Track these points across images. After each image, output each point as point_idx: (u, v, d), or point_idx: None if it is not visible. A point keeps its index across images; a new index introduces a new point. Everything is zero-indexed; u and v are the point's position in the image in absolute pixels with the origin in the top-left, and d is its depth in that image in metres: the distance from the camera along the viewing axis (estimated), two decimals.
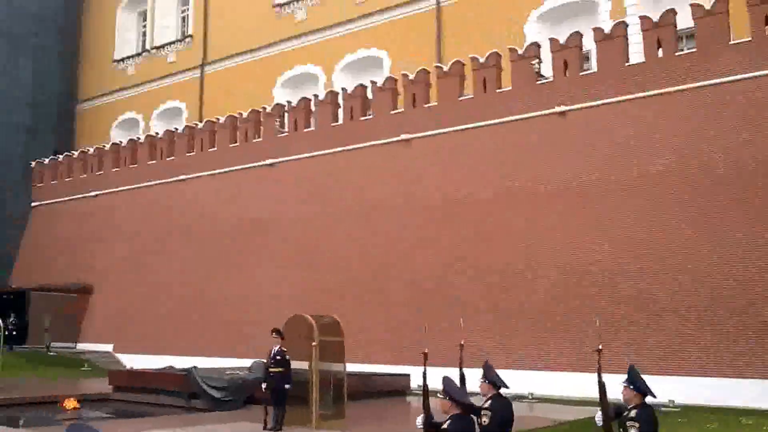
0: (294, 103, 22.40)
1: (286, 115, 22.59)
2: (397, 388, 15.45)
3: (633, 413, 4.29)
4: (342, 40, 25.44)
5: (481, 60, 18.55)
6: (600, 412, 4.53)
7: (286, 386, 10.22)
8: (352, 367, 12.26)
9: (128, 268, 25.04)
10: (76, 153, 29.29)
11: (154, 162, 25.83)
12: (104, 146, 28.25)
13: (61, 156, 29.58)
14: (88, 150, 28.67)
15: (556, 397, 14.81)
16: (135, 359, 22.44)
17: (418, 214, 18.57)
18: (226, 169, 23.22)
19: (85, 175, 28.16)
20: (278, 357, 10.10)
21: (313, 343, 10.52)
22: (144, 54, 31.89)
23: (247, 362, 18.59)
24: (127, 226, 25.76)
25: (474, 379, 5.73)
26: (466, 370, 6.92)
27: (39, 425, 12.46)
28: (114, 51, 32.82)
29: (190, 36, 30.27)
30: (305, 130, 21.77)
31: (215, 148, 23.99)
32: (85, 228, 27.29)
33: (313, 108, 21.86)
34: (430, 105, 19.40)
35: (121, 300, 24.95)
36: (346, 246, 19.68)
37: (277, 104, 23.36)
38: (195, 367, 14.89)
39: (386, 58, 24.06)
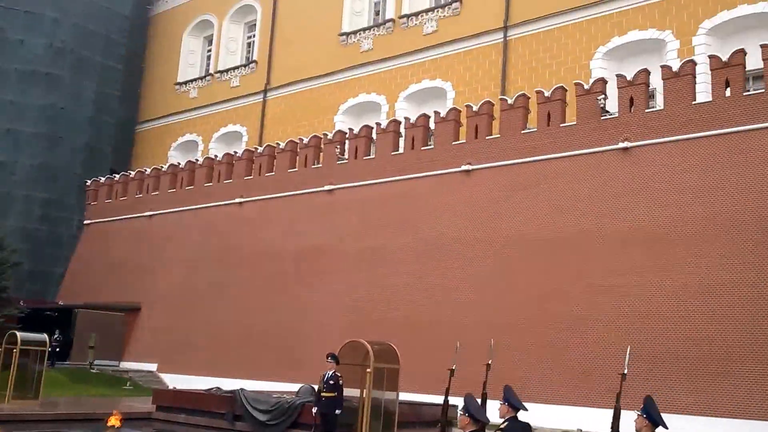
0: (356, 131, 25.32)
1: (347, 142, 25.22)
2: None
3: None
4: (407, 70, 28.30)
5: (547, 93, 20.77)
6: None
7: (337, 412, 11.14)
8: (402, 396, 13.02)
9: (178, 288, 27.77)
10: (132, 173, 32.79)
11: (211, 184, 28.82)
12: (161, 167, 31.68)
13: (117, 175, 33.07)
14: (145, 170, 32.09)
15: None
16: (179, 379, 24.80)
17: (476, 248, 20.53)
18: (284, 194, 25.94)
19: (140, 195, 31.43)
20: (331, 381, 10.99)
21: (368, 370, 11.36)
22: (207, 78, 35.69)
23: (294, 387, 20.88)
24: (180, 248, 28.64)
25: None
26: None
27: None
28: (178, 74, 36.81)
29: (255, 62, 33.80)
30: (365, 158, 24.40)
31: (274, 173, 26.83)
32: (137, 248, 30.35)
33: (374, 136, 24.52)
34: (492, 137, 21.75)
35: (168, 320, 27.79)
36: (402, 277, 21.78)
37: (339, 131, 26.08)
38: (242, 389, 16.00)
39: (450, 89, 26.73)
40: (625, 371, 6.20)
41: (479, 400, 5.87)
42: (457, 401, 6.13)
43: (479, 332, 19.57)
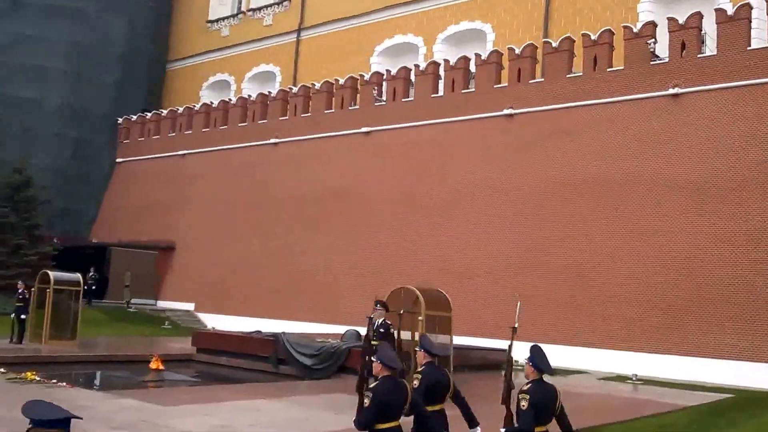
0: (393, 72, 24.97)
1: (384, 84, 24.95)
2: (493, 362, 16.65)
3: (527, 387, 5.23)
4: (445, 11, 27.66)
5: (593, 37, 20.33)
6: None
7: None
8: (445, 339, 12.52)
9: (213, 228, 28.02)
10: (164, 111, 32.62)
11: (245, 124, 28.71)
12: (194, 106, 31.50)
13: (149, 114, 32.95)
14: (177, 109, 31.89)
15: (660, 379, 16.13)
16: (216, 319, 25.39)
17: (517, 193, 20.49)
18: (320, 135, 25.86)
19: (173, 134, 31.40)
20: (382, 330, 10.42)
21: (420, 318, 11.06)
22: (239, 16, 35.10)
23: (332, 328, 20.47)
24: (214, 187, 28.73)
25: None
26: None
27: (114, 387, 13.15)
28: (209, 11, 36.19)
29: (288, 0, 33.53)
30: (403, 100, 24.12)
31: (309, 114, 26.68)
32: (170, 187, 30.47)
33: (412, 78, 24.19)
34: (535, 81, 21.43)
35: (204, 260, 28.24)
36: (438, 221, 21.89)
37: (376, 72, 25.75)
38: (284, 332, 15.79)
39: (490, 31, 26.15)
40: (516, 325, 6.24)
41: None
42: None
43: (518, 278, 19.88)
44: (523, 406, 5.12)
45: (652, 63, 19.48)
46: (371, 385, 5.21)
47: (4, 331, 17.57)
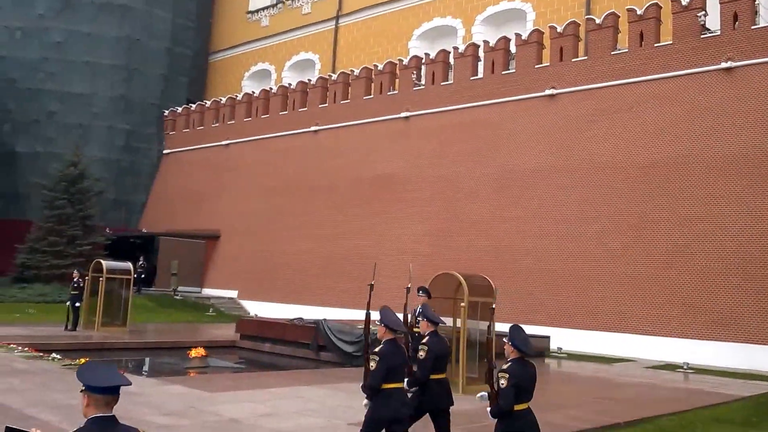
0: (432, 56, 24.39)
1: (423, 67, 24.36)
2: (536, 349, 15.76)
3: (506, 366, 5.15)
4: None
5: (639, 12, 19.34)
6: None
7: None
8: (484, 325, 12.98)
9: (256, 216, 27.90)
10: (208, 102, 32.72)
11: (286, 113, 28.54)
12: (236, 96, 31.52)
13: (193, 105, 33.10)
14: (220, 100, 31.97)
15: (712, 368, 15.36)
16: (259, 307, 25.43)
17: (562, 177, 19.66)
18: (360, 122, 25.50)
19: (216, 124, 31.51)
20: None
21: (462, 304, 10.74)
22: (279, 5, 34.87)
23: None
24: (258, 176, 28.66)
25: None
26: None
27: (163, 374, 13.17)
28: (249, 2, 36.13)
29: None
30: (443, 83, 23.54)
31: (349, 100, 26.31)
32: (214, 176, 30.58)
33: (451, 61, 23.54)
34: (578, 59, 20.56)
35: (247, 248, 28.42)
36: (480, 205, 21.24)
37: (414, 56, 25.15)
38: (325, 319, 15.53)
39: (530, 10, 25.23)
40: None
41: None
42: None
43: (564, 263, 19.29)
44: (503, 384, 5.14)
45: (702, 36, 18.45)
46: (376, 349, 5.38)
47: (60, 319, 17.98)
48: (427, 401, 5.76)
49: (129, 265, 18.72)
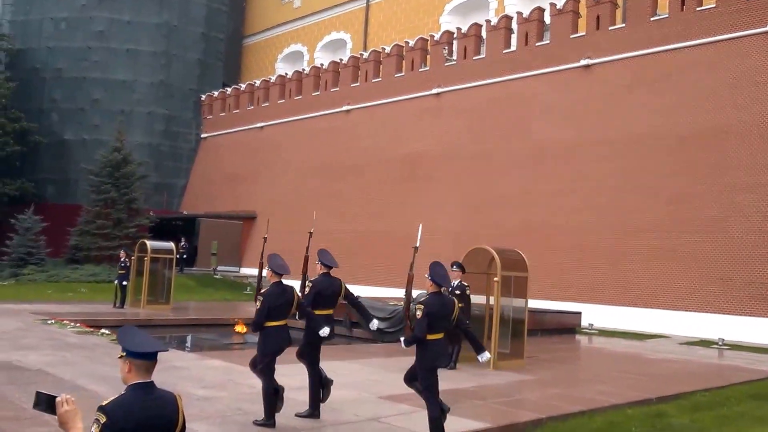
0: (464, 30, 23.22)
1: (455, 42, 23.28)
2: (567, 325, 15.92)
3: (423, 299, 5.52)
4: None
5: None
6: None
7: (466, 322, 10.52)
8: (519, 302, 11.88)
9: (290, 196, 27.46)
10: (243, 86, 32.23)
11: (318, 93, 27.85)
12: (270, 79, 30.97)
13: (229, 89, 32.82)
14: (255, 83, 31.59)
15: (748, 344, 14.56)
16: (296, 285, 25.75)
17: (598, 150, 18.63)
18: (391, 100, 24.65)
19: (251, 107, 31.04)
20: (458, 291, 10.08)
21: (495, 279, 10.42)
22: None
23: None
24: (291, 157, 28.18)
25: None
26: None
27: (203, 349, 13.34)
28: None
29: None
30: (475, 58, 22.55)
31: (380, 79, 25.46)
32: (250, 158, 30.21)
33: (484, 35, 22.50)
34: (616, 27, 19.38)
35: (282, 227, 28.30)
36: (515, 181, 20.35)
37: (446, 31, 24.03)
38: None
39: None
40: (417, 244, 6.37)
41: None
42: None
43: (600, 236, 18.38)
44: (418, 315, 5.51)
45: None
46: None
47: (108, 297, 18.62)
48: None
49: (171, 245, 19.02)
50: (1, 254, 26.71)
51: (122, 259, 18.24)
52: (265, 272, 6.68)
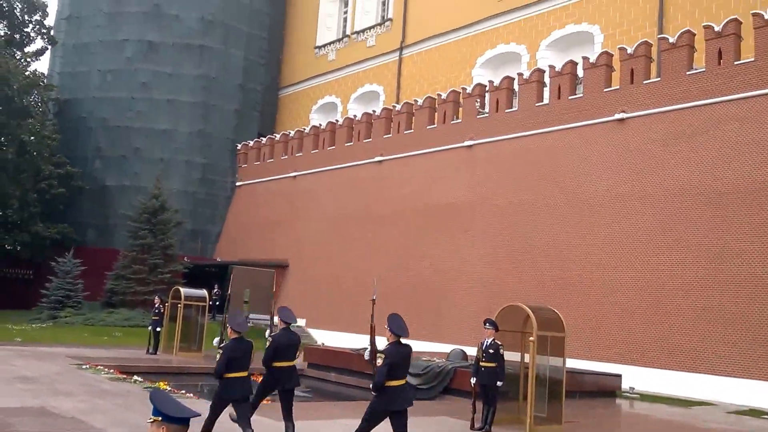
0: (496, 83, 23.07)
1: (487, 95, 23.01)
2: (607, 388, 15.11)
3: (384, 348, 5.95)
4: (549, 16, 25.33)
5: (717, 28, 17.43)
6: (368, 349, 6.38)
7: (499, 383, 9.81)
8: (556, 362, 11.33)
9: (323, 246, 27.20)
10: (278, 135, 32.45)
11: (351, 144, 27.80)
12: (304, 129, 31.16)
13: (263, 138, 33.13)
14: (289, 133, 31.75)
15: (656, 394, 14.25)
16: (326, 335, 24.55)
17: (634, 204, 17.95)
18: (424, 151, 24.35)
19: (285, 156, 31.15)
20: (491, 350, 9.86)
21: (531, 339, 10.11)
22: (344, 39, 34.52)
23: (440, 346, 19.70)
24: (324, 206, 27.99)
25: None
26: None
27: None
28: (316, 38, 36.03)
29: (390, 19, 32.06)
30: (507, 111, 22.16)
31: (412, 130, 25.23)
32: (283, 207, 30.17)
33: (516, 87, 22.18)
34: (650, 81, 18.82)
35: (314, 276, 27.95)
36: (548, 234, 19.68)
37: (478, 84, 23.83)
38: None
39: (598, 32, 23.53)
40: (374, 297, 6.87)
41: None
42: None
43: (637, 294, 17.58)
44: (379, 363, 6.03)
45: None
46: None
47: (142, 342, 18.75)
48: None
49: (204, 292, 19.31)
50: (41, 296, 27.27)
51: (156, 305, 18.55)
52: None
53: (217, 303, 27.12)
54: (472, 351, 12.50)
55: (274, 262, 29.85)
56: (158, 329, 17.94)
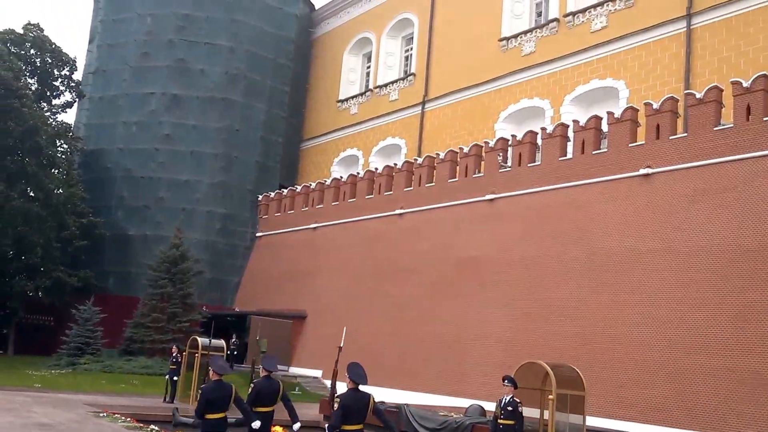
0: (519, 137, 22.89)
1: (509, 149, 22.87)
2: None
3: (341, 394, 6.42)
4: (573, 71, 25.37)
5: (745, 84, 17.17)
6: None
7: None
8: (576, 420, 11.17)
9: (342, 298, 26.80)
10: (299, 187, 32.56)
11: (372, 196, 27.69)
12: (325, 181, 31.28)
13: (285, 190, 33.28)
14: (310, 185, 31.84)
15: None
16: (343, 387, 24.71)
17: (658, 261, 17.46)
18: (445, 204, 24.11)
19: (306, 208, 31.14)
20: (510, 408, 9.80)
21: (550, 397, 10.09)
22: (367, 93, 34.91)
23: (454, 401, 19.52)
24: (344, 258, 27.74)
25: None
26: None
27: None
28: (339, 92, 36.52)
29: (413, 74, 32.38)
30: (530, 165, 21.97)
31: (434, 184, 25.06)
32: (303, 258, 29.96)
33: (539, 142, 22.03)
34: (677, 136, 18.52)
35: (331, 328, 27.37)
36: (570, 290, 19.16)
37: (501, 138, 23.72)
38: (407, 404, 15.14)
39: (623, 87, 23.44)
40: (341, 345, 6.69)
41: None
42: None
43: (662, 352, 16.81)
44: (335, 408, 6.42)
45: None
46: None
47: (159, 391, 18.92)
48: None
49: (222, 342, 19.48)
50: (61, 343, 27.27)
51: (174, 354, 18.84)
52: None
53: (235, 352, 27.03)
54: (491, 406, 12.26)
55: (293, 313, 29.62)
56: (175, 378, 18.13)
